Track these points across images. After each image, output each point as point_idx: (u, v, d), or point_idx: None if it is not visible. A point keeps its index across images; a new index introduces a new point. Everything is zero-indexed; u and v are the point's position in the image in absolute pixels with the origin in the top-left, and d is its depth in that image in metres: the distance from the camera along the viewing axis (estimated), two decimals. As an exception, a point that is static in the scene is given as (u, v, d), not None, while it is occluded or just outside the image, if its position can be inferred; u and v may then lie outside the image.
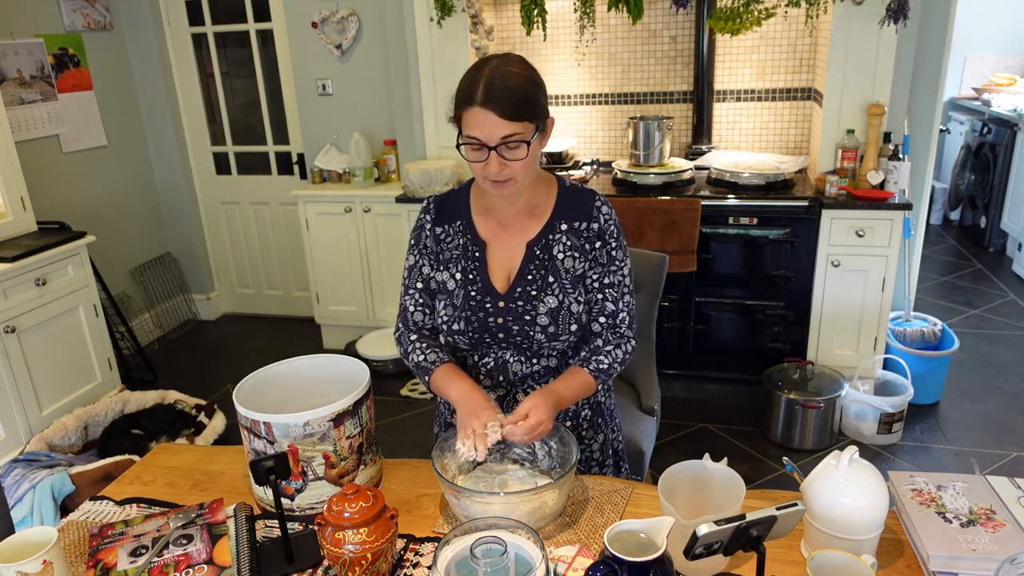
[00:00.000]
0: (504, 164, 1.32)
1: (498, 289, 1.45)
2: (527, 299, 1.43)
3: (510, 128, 1.29)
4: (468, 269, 1.46)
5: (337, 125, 4.05)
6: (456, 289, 1.46)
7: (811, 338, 3.18)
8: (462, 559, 1.06)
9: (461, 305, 1.45)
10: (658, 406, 2.28)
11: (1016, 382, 3.40)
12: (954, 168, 5.58)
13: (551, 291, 1.43)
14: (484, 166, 1.33)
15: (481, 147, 1.31)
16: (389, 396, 3.55)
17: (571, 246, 1.45)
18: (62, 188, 3.79)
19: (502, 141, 1.30)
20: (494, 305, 1.44)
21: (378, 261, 3.87)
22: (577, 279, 1.45)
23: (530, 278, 1.44)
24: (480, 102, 1.28)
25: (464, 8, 3.33)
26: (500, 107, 1.28)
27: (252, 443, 1.33)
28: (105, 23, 4.01)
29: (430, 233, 1.50)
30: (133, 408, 3.24)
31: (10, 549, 1.10)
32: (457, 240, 1.49)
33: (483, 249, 1.47)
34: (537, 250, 1.45)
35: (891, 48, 2.96)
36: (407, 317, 1.53)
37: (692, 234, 3.08)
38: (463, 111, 1.32)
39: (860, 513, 1.09)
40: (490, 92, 1.28)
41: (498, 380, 1.51)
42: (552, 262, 1.44)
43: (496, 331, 1.45)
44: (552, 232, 1.45)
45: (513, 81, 1.30)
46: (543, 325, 1.43)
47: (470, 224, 1.48)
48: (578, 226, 1.45)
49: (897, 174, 2.99)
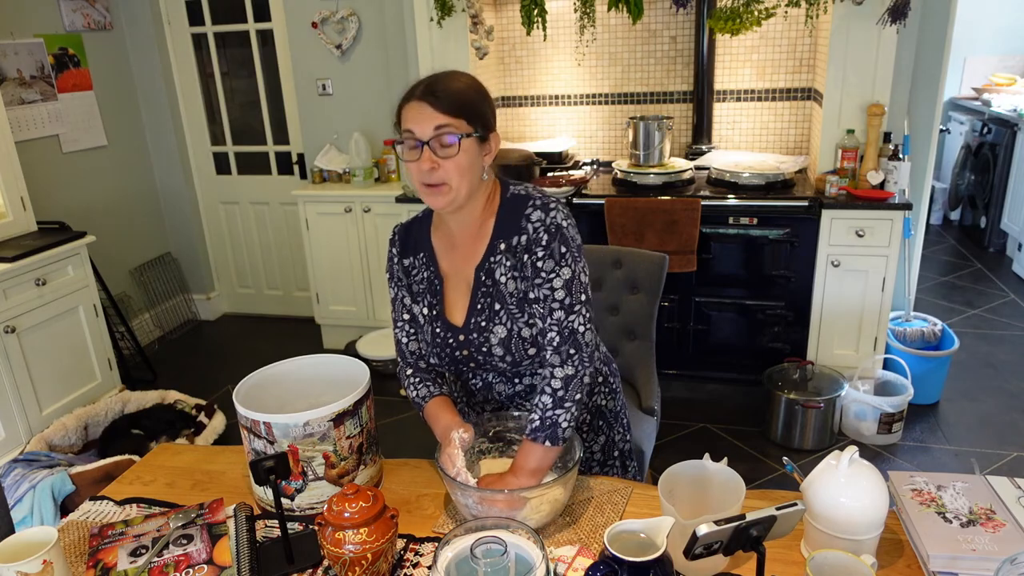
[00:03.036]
0: (436, 163, 1.27)
1: (455, 323, 1.41)
2: (479, 331, 1.38)
3: (444, 119, 1.26)
4: (432, 304, 1.44)
5: (337, 125, 4.05)
6: (425, 324, 1.45)
7: (811, 338, 3.18)
8: (462, 559, 1.06)
9: (431, 341, 1.45)
10: (658, 406, 2.27)
11: (1016, 382, 3.40)
12: (954, 168, 5.58)
13: (499, 320, 1.36)
14: (417, 165, 1.28)
15: (416, 145, 1.28)
16: (389, 396, 3.55)
17: (511, 266, 1.35)
18: (62, 188, 3.79)
19: (435, 134, 1.26)
20: (455, 339, 1.42)
21: (378, 261, 3.87)
22: (521, 301, 1.36)
23: (479, 307, 1.38)
24: (418, 96, 1.27)
25: (464, 8, 3.33)
26: (437, 100, 1.26)
27: (252, 443, 1.33)
28: (105, 23, 4.01)
29: (399, 265, 1.47)
30: (133, 408, 3.24)
31: (10, 549, 1.10)
32: (422, 273, 1.45)
33: (442, 283, 1.43)
34: (483, 275, 1.38)
35: (891, 48, 2.96)
36: (402, 350, 1.51)
37: (692, 234, 3.08)
38: (403, 108, 1.30)
39: (860, 513, 1.09)
40: (430, 87, 1.28)
41: (488, 397, 1.52)
42: (496, 287, 1.37)
43: (464, 361, 1.44)
44: (493, 254, 1.37)
45: (455, 84, 1.29)
46: (499, 355, 1.39)
47: (432, 257, 1.44)
48: (514, 242, 1.35)
49: (897, 174, 2.99)
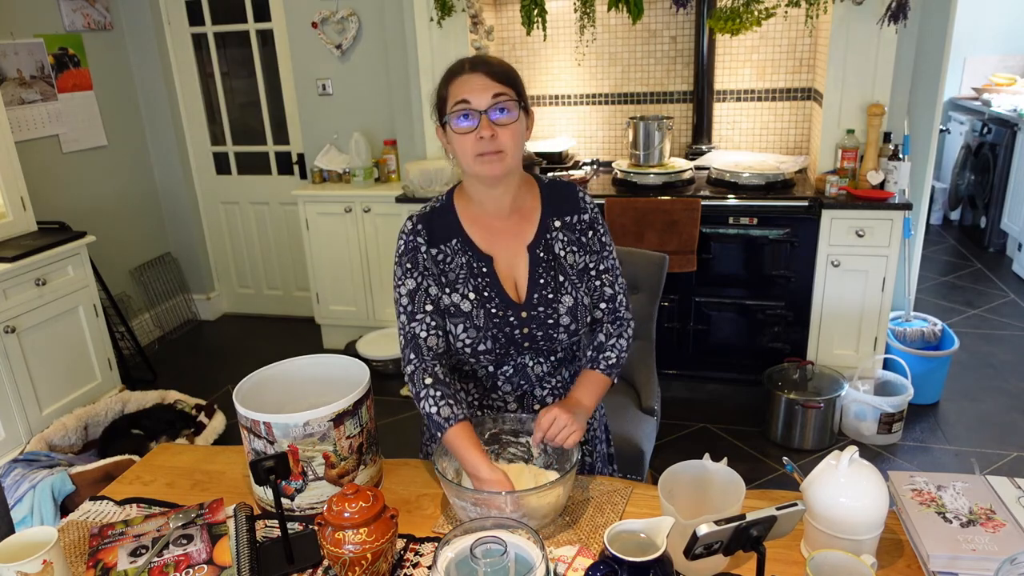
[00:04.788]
0: (494, 131, 1.30)
1: (514, 299, 1.42)
2: (546, 303, 1.42)
3: (500, 88, 1.31)
4: (480, 287, 1.41)
5: (337, 125, 4.04)
6: (473, 310, 1.40)
7: (811, 338, 3.18)
8: (462, 559, 1.06)
9: (484, 325, 1.40)
10: (658, 406, 2.28)
11: (1016, 382, 3.40)
12: (954, 168, 5.58)
13: (565, 290, 1.43)
14: (475, 136, 1.30)
15: (470, 114, 1.30)
16: (389, 396, 3.55)
17: (569, 241, 1.46)
18: (62, 188, 3.79)
19: (493, 103, 1.30)
20: (516, 316, 1.41)
21: (378, 261, 3.87)
22: (580, 272, 1.46)
23: (542, 282, 1.43)
24: (469, 69, 1.32)
25: (464, 8, 3.33)
26: (490, 68, 1.32)
27: (252, 443, 1.33)
28: (105, 23, 4.01)
29: (427, 255, 1.42)
30: (133, 408, 3.24)
31: (10, 549, 1.10)
32: (458, 259, 1.42)
33: (490, 263, 1.42)
34: (540, 252, 1.44)
35: (891, 48, 2.96)
36: (419, 345, 1.40)
37: (692, 234, 3.08)
38: (451, 83, 1.33)
39: (860, 513, 1.09)
40: (479, 59, 1.35)
41: (518, 384, 1.48)
42: (556, 260, 1.44)
43: (522, 341, 1.43)
44: (548, 231, 1.45)
45: (498, 60, 1.38)
46: (565, 324, 1.43)
47: (467, 240, 1.43)
48: (570, 220, 1.46)
49: (897, 174, 2.99)
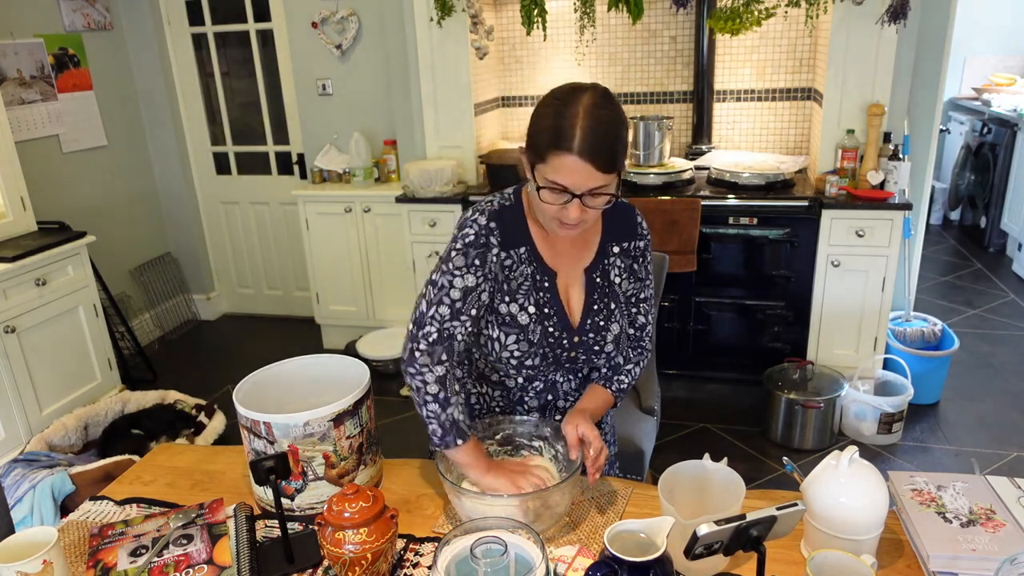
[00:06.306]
0: (584, 211, 1.23)
1: (570, 322, 1.37)
2: (596, 330, 1.38)
3: (602, 180, 1.19)
4: (541, 302, 1.35)
5: (337, 125, 4.05)
6: (531, 324, 1.34)
7: (811, 338, 3.18)
8: (462, 559, 1.06)
9: (539, 341, 1.35)
10: (658, 406, 2.28)
11: (1016, 382, 3.40)
12: (954, 168, 5.58)
13: (615, 318, 1.39)
14: (561, 209, 1.23)
15: (562, 191, 1.21)
16: (389, 396, 3.55)
17: (624, 268, 1.41)
18: (62, 188, 3.79)
19: (589, 191, 1.20)
20: (569, 340, 1.37)
21: (378, 261, 3.87)
22: (628, 300, 1.42)
23: (596, 308, 1.38)
24: (578, 151, 1.16)
25: (464, 8, 3.32)
26: (598, 159, 1.17)
27: (252, 443, 1.33)
28: (105, 23, 4.01)
29: (496, 259, 1.32)
30: (133, 408, 3.24)
31: (10, 549, 1.10)
32: (523, 269, 1.34)
33: (553, 279, 1.36)
34: (596, 277, 1.39)
35: (891, 48, 2.96)
36: (453, 347, 1.31)
37: (692, 234, 3.08)
38: (552, 153, 1.18)
39: (860, 513, 1.09)
40: (590, 141, 1.16)
41: (545, 398, 1.47)
42: (611, 287, 1.39)
43: (564, 363, 1.40)
44: (606, 256, 1.40)
45: (610, 127, 1.18)
46: (608, 352, 1.40)
47: (534, 251, 1.35)
48: (627, 246, 1.41)
49: (897, 174, 2.99)
